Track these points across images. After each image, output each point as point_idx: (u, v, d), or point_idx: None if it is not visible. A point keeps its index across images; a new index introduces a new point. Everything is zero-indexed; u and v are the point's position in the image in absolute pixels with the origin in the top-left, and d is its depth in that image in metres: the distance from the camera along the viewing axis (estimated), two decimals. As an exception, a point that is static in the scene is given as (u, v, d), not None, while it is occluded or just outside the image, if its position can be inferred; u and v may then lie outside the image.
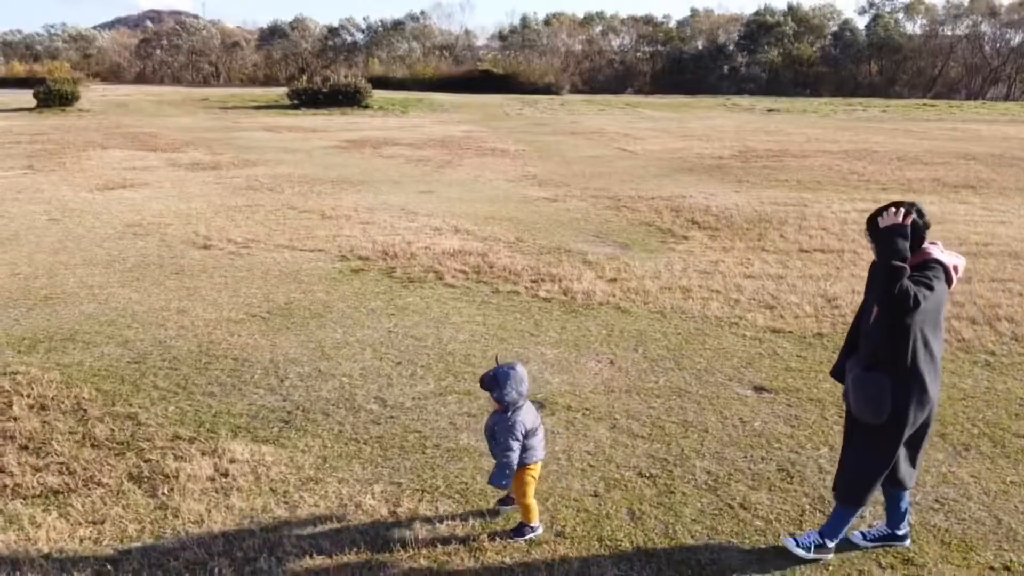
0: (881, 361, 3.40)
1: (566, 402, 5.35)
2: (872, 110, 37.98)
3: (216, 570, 3.55)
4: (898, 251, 3.21)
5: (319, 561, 3.63)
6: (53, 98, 31.57)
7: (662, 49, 66.24)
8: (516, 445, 3.69)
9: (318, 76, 36.27)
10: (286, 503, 4.10)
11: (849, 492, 3.61)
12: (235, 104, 35.81)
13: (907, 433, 3.47)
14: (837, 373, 3.77)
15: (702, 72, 61.29)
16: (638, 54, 67.45)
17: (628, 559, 3.70)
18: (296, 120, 28.61)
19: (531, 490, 3.82)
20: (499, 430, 3.71)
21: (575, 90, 54.49)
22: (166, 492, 4.18)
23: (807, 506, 4.15)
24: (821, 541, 3.67)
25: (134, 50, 67.70)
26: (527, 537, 3.81)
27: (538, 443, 3.81)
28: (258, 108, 34.15)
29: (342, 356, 6.12)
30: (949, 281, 3.38)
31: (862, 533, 3.84)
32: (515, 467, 3.71)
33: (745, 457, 4.64)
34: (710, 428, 5.00)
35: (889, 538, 3.80)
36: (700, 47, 65.98)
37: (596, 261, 9.02)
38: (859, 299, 7.69)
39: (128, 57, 67.22)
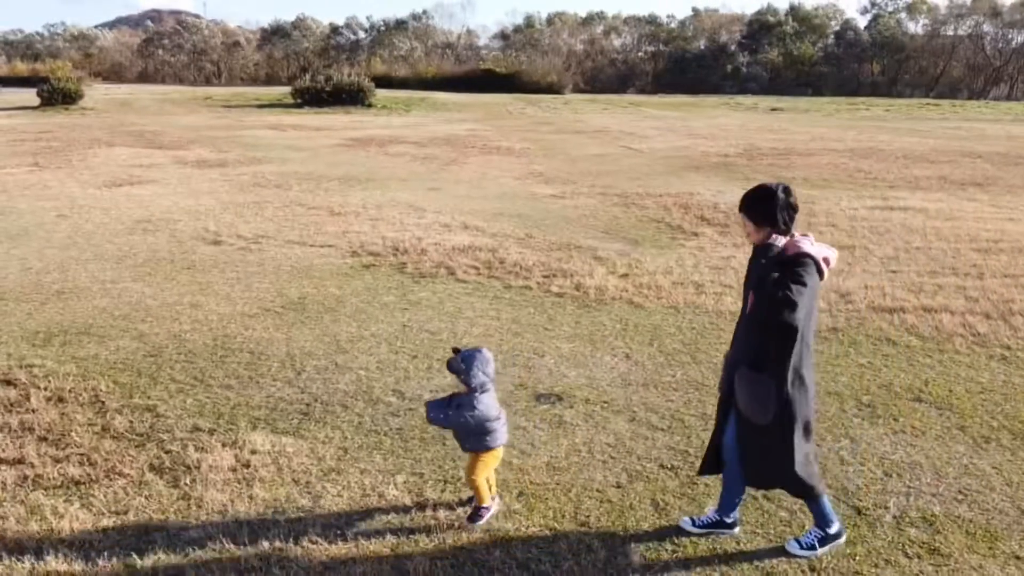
0: (765, 357, 3.43)
1: (584, 395, 5.34)
2: (875, 109, 37.98)
3: (243, 559, 3.55)
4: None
5: (346, 550, 3.62)
6: (57, 96, 31.63)
7: (664, 49, 66.36)
8: (471, 421, 3.67)
9: (321, 75, 36.19)
10: (309, 493, 4.10)
11: (801, 489, 3.62)
12: (238, 103, 35.81)
13: (800, 422, 3.50)
14: (726, 360, 3.78)
15: (704, 72, 61.38)
16: (640, 54, 67.58)
17: (654, 549, 3.69)
18: (300, 119, 28.61)
19: (484, 473, 3.82)
20: (464, 402, 3.68)
21: (577, 89, 54.55)
22: (188, 483, 4.17)
23: (830, 496, 4.13)
24: (823, 533, 3.68)
25: (136, 49, 67.83)
26: (484, 519, 3.81)
27: (501, 426, 3.81)
28: (261, 107, 34.16)
29: (358, 350, 6.12)
30: (821, 274, 3.43)
31: (691, 519, 3.86)
32: (450, 426, 3.74)
33: (766, 449, 4.63)
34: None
35: (718, 525, 3.81)
36: (702, 47, 66.10)
37: (607, 257, 9.02)
38: (871, 294, 7.70)
39: (130, 56, 67.40)
